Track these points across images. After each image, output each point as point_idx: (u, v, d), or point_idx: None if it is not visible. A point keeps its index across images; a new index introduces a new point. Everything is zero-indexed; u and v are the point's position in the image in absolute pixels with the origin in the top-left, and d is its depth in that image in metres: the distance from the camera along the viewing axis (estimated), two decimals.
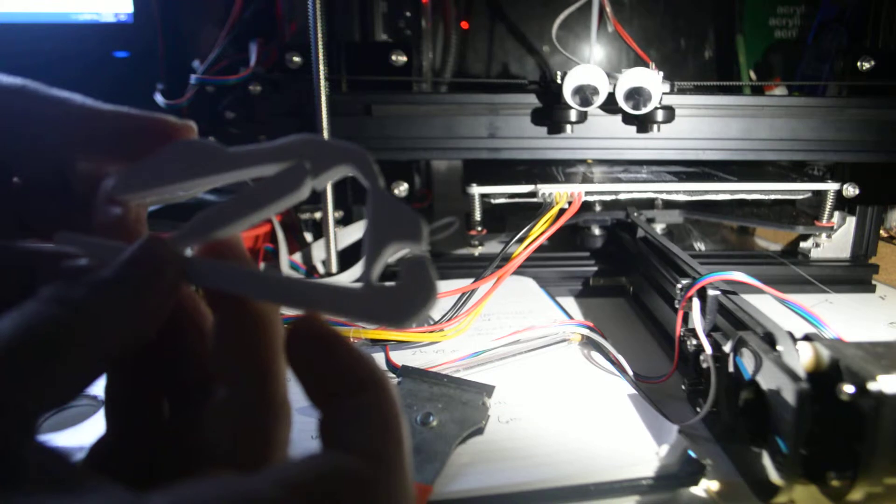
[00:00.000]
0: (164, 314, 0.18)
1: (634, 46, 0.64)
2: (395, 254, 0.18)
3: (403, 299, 0.17)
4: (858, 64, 0.60)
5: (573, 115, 0.56)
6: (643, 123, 0.58)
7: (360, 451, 0.17)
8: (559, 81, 0.55)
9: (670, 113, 0.57)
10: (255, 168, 0.19)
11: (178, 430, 0.20)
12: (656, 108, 0.56)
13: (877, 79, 0.60)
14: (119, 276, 0.17)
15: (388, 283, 0.18)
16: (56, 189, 0.22)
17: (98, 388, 0.37)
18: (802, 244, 0.65)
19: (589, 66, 0.55)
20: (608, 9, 0.62)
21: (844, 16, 0.66)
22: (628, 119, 0.58)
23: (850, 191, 0.62)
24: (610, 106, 0.57)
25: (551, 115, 0.57)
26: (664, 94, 0.56)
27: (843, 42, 0.66)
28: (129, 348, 0.17)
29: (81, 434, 0.36)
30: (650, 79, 0.55)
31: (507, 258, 0.51)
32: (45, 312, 0.16)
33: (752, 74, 0.78)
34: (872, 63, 0.60)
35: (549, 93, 0.57)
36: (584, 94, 0.55)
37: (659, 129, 0.57)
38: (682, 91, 0.59)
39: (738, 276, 0.39)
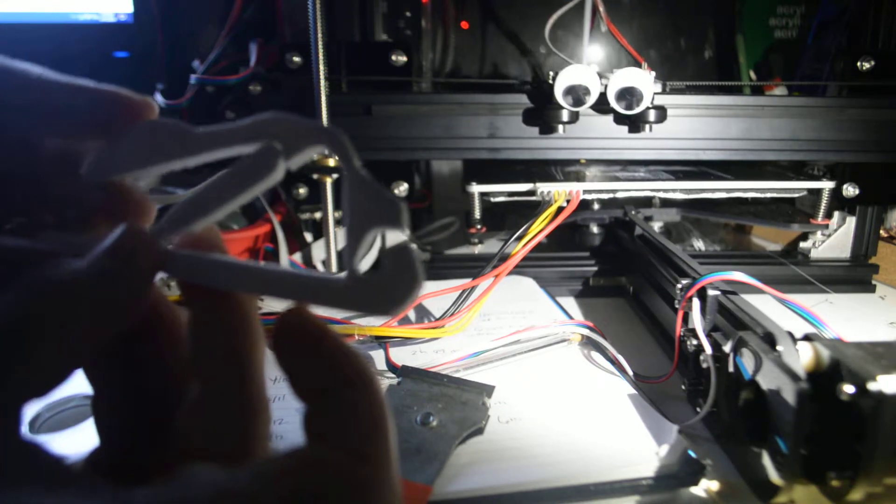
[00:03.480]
0: (140, 305, 0.18)
1: (627, 46, 0.65)
2: (376, 239, 0.18)
3: (387, 288, 0.17)
4: (858, 64, 0.60)
5: (565, 116, 0.56)
6: (635, 123, 0.58)
7: (345, 446, 0.17)
8: (551, 81, 0.55)
9: (662, 113, 0.57)
10: (227, 148, 0.19)
11: (160, 431, 0.19)
12: (648, 108, 0.56)
13: (877, 79, 0.60)
14: (95, 266, 0.17)
15: (371, 273, 0.17)
16: (25, 175, 0.21)
17: None
18: (802, 244, 0.65)
19: (580, 66, 0.55)
20: (601, 8, 0.62)
21: (844, 16, 0.66)
22: (620, 119, 0.58)
23: (850, 191, 0.62)
24: (602, 106, 0.57)
25: (543, 114, 0.57)
26: (656, 93, 0.56)
27: (843, 42, 0.66)
28: (107, 338, 0.17)
29: (80, 434, 0.36)
30: (642, 79, 0.55)
31: (506, 256, 0.51)
32: (20, 301, 0.16)
33: (752, 74, 0.78)
34: (872, 63, 0.60)
35: (541, 93, 0.57)
36: (577, 95, 0.55)
37: (651, 129, 0.57)
38: (674, 91, 0.59)
39: (738, 276, 0.39)
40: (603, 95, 0.56)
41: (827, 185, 0.61)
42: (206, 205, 0.19)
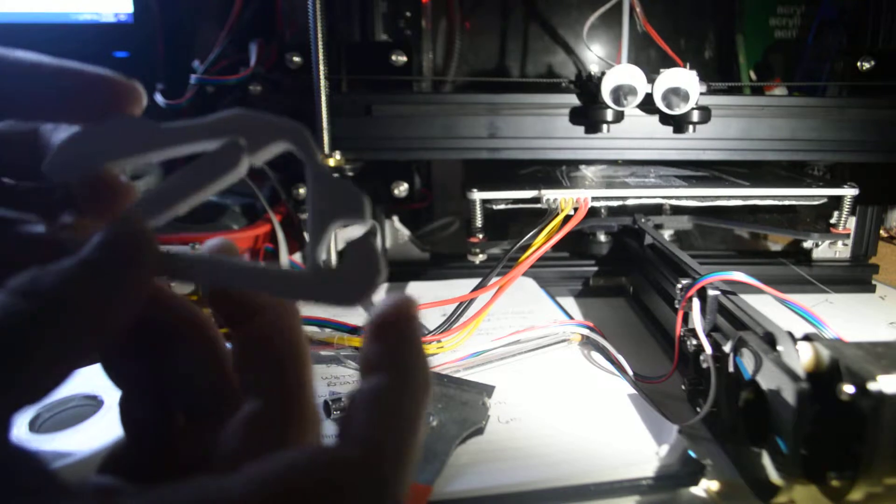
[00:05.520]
0: (137, 303, 0.17)
1: (665, 47, 0.64)
2: (338, 231, 0.18)
3: (349, 279, 0.17)
4: (858, 64, 0.60)
5: (610, 115, 0.55)
6: (679, 124, 0.57)
7: (361, 436, 0.16)
8: (597, 81, 0.55)
9: (706, 113, 0.56)
10: (192, 144, 0.19)
11: (195, 442, 0.19)
12: (693, 109, 0.55)
13: (877, 79, 0.60)
14: (87, 263, 0.16)
15: (333, 265, 0.18)
16: (25, 163, 0.21)
17: (99, 388, 0.37)
18: (803, 244, 0.65)
19: (627, 65, 0.54)
20: (638, 9, 0.61)
21: (844, 16, 0.66)
22: (665, 119, 0.58)
23: (851, 191, 0.62)
24: (644, 106, 0.56)
25: (588, 114, 0.57)
26: (701, 93, 0.56)
27: (843, 42, 0.66)
28: (106, 338, 0.16)
29: (80, 434, 0.36)
30: (688, 79, 0.54)
31: (508, 267, 0.49)
32: (11, 306, 0.15)
33: (752, 74, 0.78)
34: (872, 63, 0.60)
35: (588, 92, 0.57)
36: (618, 95, 0.54)
37: (695, 130, 0.56)
38: (713, 92, 0.58)
39: (738, 276, 0.39)
40: (647, 96, 0.55)
41: (849, 192, 0.58)
42: (169, 199, 0.19)
